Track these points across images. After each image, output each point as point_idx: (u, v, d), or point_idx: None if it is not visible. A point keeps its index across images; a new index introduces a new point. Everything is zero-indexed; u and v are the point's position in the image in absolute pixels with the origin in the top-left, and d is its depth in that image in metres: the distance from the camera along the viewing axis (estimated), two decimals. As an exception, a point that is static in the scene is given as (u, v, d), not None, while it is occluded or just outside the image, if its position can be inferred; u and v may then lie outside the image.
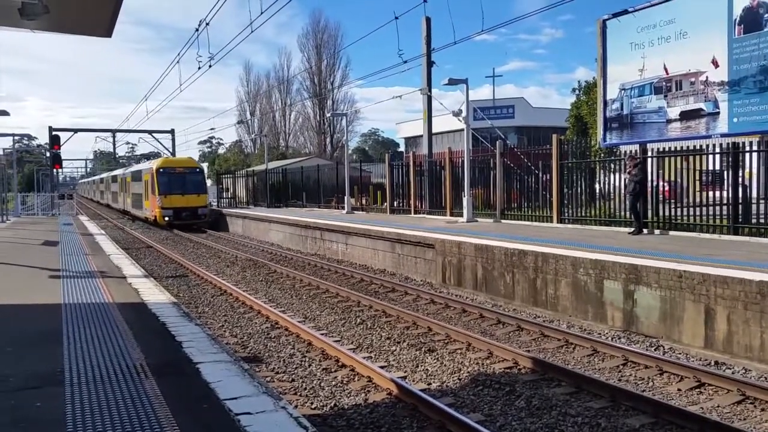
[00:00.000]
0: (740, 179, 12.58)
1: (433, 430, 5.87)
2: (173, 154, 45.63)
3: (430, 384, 7.21)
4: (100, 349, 6.21)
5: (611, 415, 6.16)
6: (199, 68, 20.68)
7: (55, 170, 39.86)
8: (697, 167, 13.64)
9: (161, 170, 31.50)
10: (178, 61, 23.38)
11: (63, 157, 38.92)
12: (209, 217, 32.54)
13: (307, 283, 14.05)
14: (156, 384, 5.09)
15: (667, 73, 14.23)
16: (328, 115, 66.12)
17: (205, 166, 54.73)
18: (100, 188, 67.66)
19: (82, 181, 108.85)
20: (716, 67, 13.04)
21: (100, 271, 12.22)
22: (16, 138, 38.13)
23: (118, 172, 52.16)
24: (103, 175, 67.72)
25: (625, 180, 13.52)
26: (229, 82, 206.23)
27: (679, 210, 13.97)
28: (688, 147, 14.02)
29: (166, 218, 30.71)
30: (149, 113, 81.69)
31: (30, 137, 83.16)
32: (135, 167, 43.44)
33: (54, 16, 8.42)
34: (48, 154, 42.43)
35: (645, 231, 13.27)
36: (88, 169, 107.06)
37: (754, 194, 13.14)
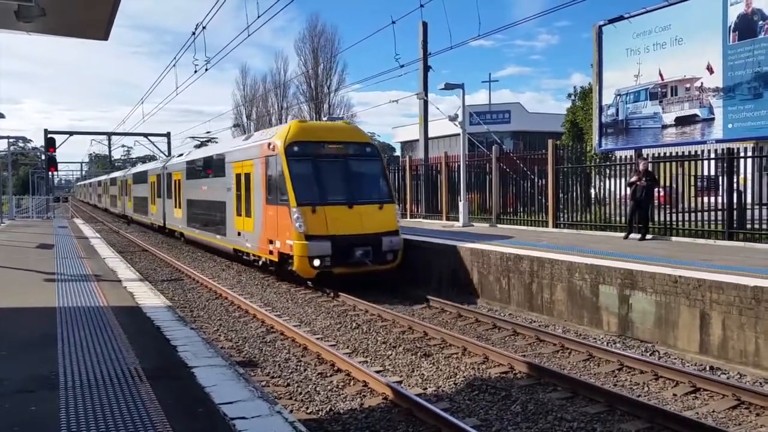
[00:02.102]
0: (735, 185, 12.64)
1: (428, 434, 5.84)
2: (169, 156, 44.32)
3: (425, 389, 7.20)
4: (95, 353, 6.19)
5: (607, 420, 6.16)
6: (196, 71, 20.62)
7: (50, 173, 39.46)
8: (692, 173, 13.70)
9: (295, 147, 13.54)
10: (174, 65, 23.32)
11: (58, 160, 38.37)
12: (401, 257, 13.87)
13: (302, 287, 14.02)
14: (151, 388, 5.07)
15: (663, 79, 14.30)
16: (325, 119, 66.13)
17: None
18: (111, 192, 50.02)
19: (82, 183, 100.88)
20: (711, 74, 13.12)
21: (95, 275, 12.18)
22: (12, 140, 38.06)
23: (151, 165, 33.52)
24: (116, 174, 49.12)
25: (636, 184, 13.01)
26: (226, 86, 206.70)
27: (674, 215, 14.02)
28: (683, 152, 14.09)
29: (317, 262, 12.84)
30: (145, 116, 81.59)
31: (25, 140, 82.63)
32: (201, 151, 23.34)
33: (50, 19, 8.42)
34: (43, 157, 42.12)
35: (637, 236, 13.22)
36: (84, 172, 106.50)
37: (749, 200, 13.21)
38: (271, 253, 14.09)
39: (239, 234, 16.35)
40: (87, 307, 8.74)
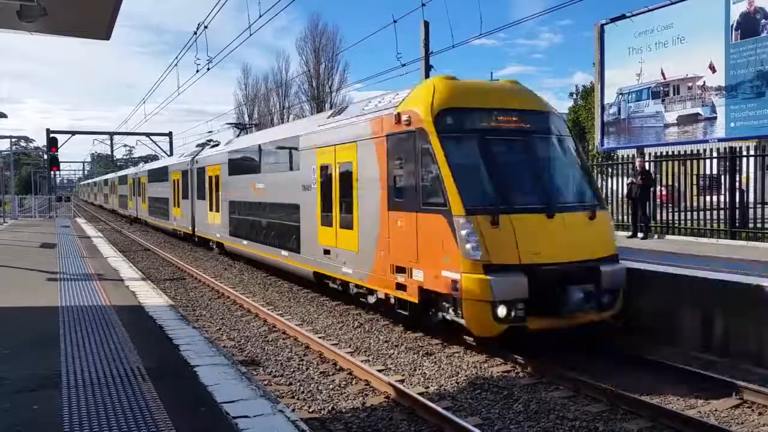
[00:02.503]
0: (737, 184, 12.63)
1: (431, 433, 5.82)
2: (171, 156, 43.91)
3: (427, 387, 7.20)
4: (98, 352, 6.20)
5: (609, 419, 6.15)
6: (198, 71, 20.64)
7: (52, 172, 39.44)
8: (695, 172, 13.70)
9: (449, 119, 8.58)
10: (176, 65, 23.29)
11: (60, 160, 38.43)
12: (623, 299, 8.43)
13: (304, 286, 14.02)
14: (153, 387, 5.08)
15: (665, 78, 14.29)
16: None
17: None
18: (120, 192, 45.47)
19: (86, 182, 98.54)
20: (713, 72, 13.11)
21: (98, 274, 12.21)
22: (14, 140, 38.12)
23: (173, 160, 28.82)
24: (127, 171, 44.60)
25: (634, 183, 13.01)
26: (228, 85, 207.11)
27: (676, 214, 14.01)
28: (685, 151, 14.08)
29: (503, 310, 7.52)
30: (147, 116, 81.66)
31: (27, 139, 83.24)
32: (252, 138, 18.64)
33: (52, 19, 8.44)
34: (45, 157, 42.06)
35: (640, 235, 13.24)
36: (86, 172, 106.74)
37: (751, 199, 13.20)
38: (400, 288, 9.08)
39: (327, 252, 11.48)
40: (89, 306, 8.76)
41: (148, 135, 47.45)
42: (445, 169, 8.15)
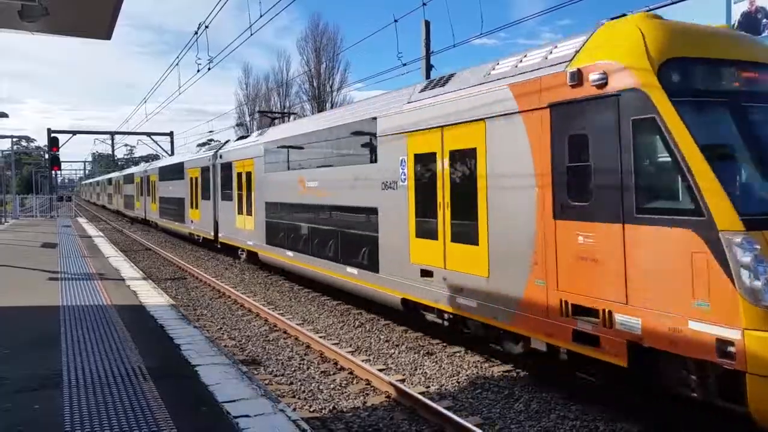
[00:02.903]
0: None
1: (431, 433, 5.82)
2: (172, 156, 43.74)
3: (428, 387, 7.21)
4: (99, 351, 6.21)
5: (609, 419, 6.15)
6: (198, 71, 20.65)
7: (53, 172, 39.41)
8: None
9: (676, 76, 5.51)
10: (177, 64, 23.28)
11: (61, 159, 38.35)
12: None
13: (305, 286, 14.03)
14: (154, 386, 5.09)
15: (666, 77, 14.29)
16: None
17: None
18: (125, 191, 41.73)
19: (88, 181, 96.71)
20: (714, 72, 13.11)
21: (99, 274, 12.22)
22: (15, 140, 38.15)
23: (189, 156, 25.58)
24: (135, 169, 40.06)
25: None
26: (229, 85, 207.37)
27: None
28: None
29: None
30: (148, 115, 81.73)
31: (28, 139, 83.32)
32: (296, 126, 14.78)
33: (53, 19, 8.45)
34: (46, 156, 42.11)
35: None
36: (87, 171, 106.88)
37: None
38: (583, 339, 6.09)
39: (427, 274, 8.66)
40: (90, 305, 8.77)
41: (149, 135, 47.48)
42: (694, 153, 5.23)
